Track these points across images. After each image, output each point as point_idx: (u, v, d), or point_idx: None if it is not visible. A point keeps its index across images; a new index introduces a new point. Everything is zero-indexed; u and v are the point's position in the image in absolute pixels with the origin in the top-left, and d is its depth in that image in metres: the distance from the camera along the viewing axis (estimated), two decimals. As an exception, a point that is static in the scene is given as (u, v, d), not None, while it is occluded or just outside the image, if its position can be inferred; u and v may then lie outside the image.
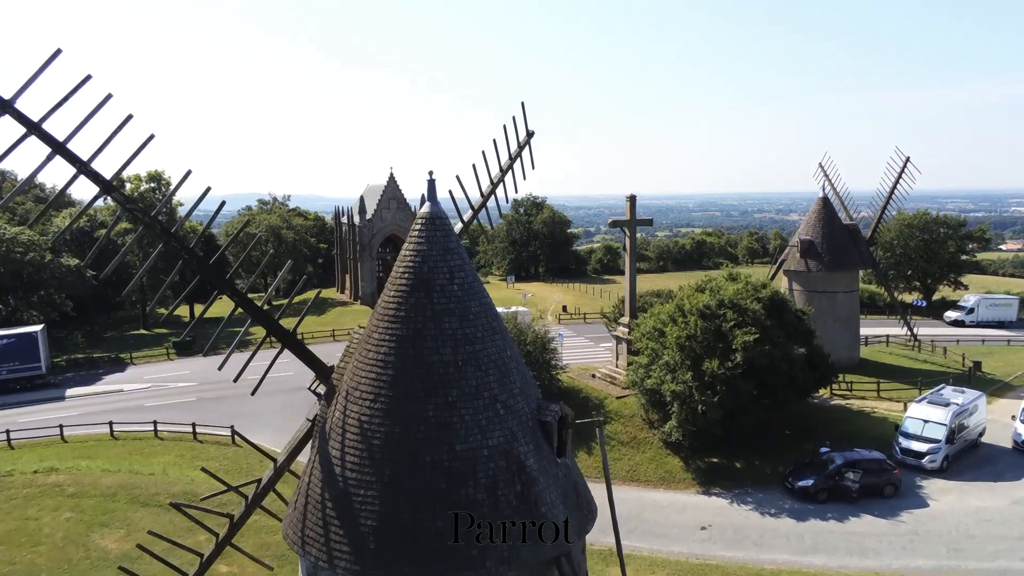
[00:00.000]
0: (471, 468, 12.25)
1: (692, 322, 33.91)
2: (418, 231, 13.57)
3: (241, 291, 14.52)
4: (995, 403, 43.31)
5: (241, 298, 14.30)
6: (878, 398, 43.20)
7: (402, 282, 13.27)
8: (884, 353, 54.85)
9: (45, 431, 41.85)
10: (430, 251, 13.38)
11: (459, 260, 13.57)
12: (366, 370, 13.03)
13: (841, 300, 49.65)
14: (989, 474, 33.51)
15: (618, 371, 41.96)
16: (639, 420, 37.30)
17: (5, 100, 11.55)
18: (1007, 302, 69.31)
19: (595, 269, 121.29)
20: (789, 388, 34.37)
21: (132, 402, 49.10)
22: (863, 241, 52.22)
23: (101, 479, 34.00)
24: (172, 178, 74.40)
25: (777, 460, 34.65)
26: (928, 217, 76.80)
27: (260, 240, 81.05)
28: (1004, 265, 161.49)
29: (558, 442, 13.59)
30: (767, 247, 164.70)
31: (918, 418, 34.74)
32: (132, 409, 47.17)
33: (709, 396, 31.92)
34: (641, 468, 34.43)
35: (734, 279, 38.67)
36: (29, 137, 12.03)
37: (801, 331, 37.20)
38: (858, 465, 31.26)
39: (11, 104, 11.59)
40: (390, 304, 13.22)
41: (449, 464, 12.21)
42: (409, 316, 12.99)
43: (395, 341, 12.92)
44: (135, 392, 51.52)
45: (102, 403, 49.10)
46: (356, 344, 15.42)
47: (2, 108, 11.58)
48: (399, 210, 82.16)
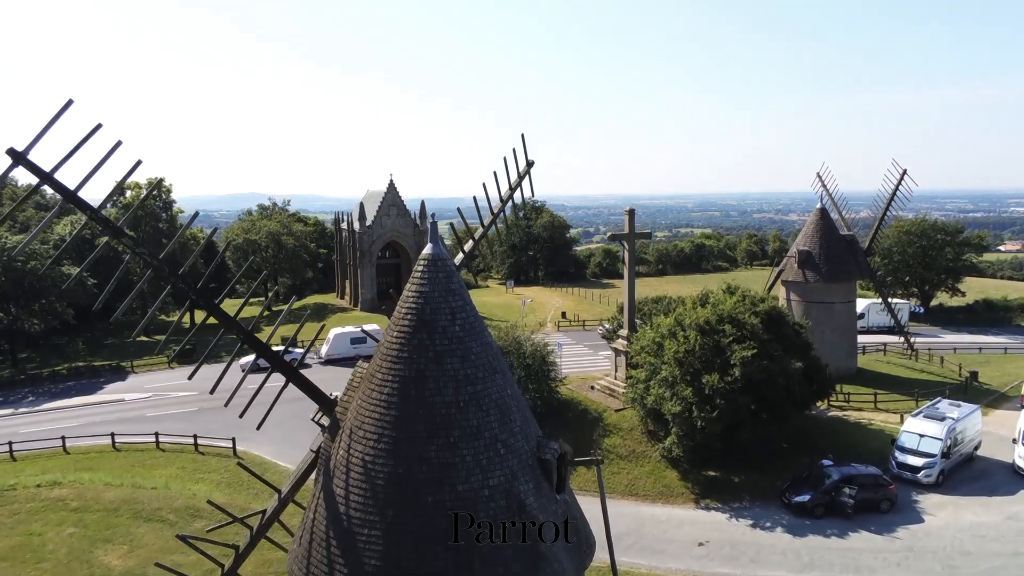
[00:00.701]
0: (472, 508, 12.53)
1: (692, 337, 34.23)
2: (420, 272, 13.85)
3: (238, 322, 14.80)
4: (991, 414, 43.67)
5: (240, 329, 14.60)
6: (875, 409, 43.55)
7: (405, 323, 13.56)
8: (881, 362, 55.17)
9: (47, 443, 42.09)
10: (432, 292, 13.66)
11: (460, 301, 13.84)
12: (369, 410, 13.31)
13: (839, 310, 49.99)
14: (984, 488, 33.82)
15: (617, 383, 42.24)
16: (638, 433, 37.60)
17: (18, 152, 11.82)
18: (897, 308, 63.90)
19: (594, 273, 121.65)
20: (787, 402, 34.70)
21: (133, 412, 49.35)
22: (861, 252, 52.56)
23: (104, 493, 34.24)
24: (173, 185, 74.90)
25: (774, 473, 34.93)
26: (926, 224, 77.14)
27: (260, 247, 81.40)
28: (1003, 267, 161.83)
29: (557, 479, 13.89)
30: (766, 249, 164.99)
31: (914, 432, 35.06)
32: (133, 419, 47.42)
33: (708, 411, 32.24)
34: (640, 482, 34.72)
35: (732, 292, 38.99)
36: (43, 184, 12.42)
37: (799, 344, 37.53)
38: (854, 480, 31.55)
39: (24, 156, 11.86)
40: (393, 345, 13.50)
41: (451, 504, 12.48)
42: (412, 357, 13.27)
43: (398, 382, 13.20)
44: (136, 402, 51.76)
45: (104, 413, 49.35)
46: (359, 379, 15.71)
47: (15, 159, 11.86)
48: (399, 216, 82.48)
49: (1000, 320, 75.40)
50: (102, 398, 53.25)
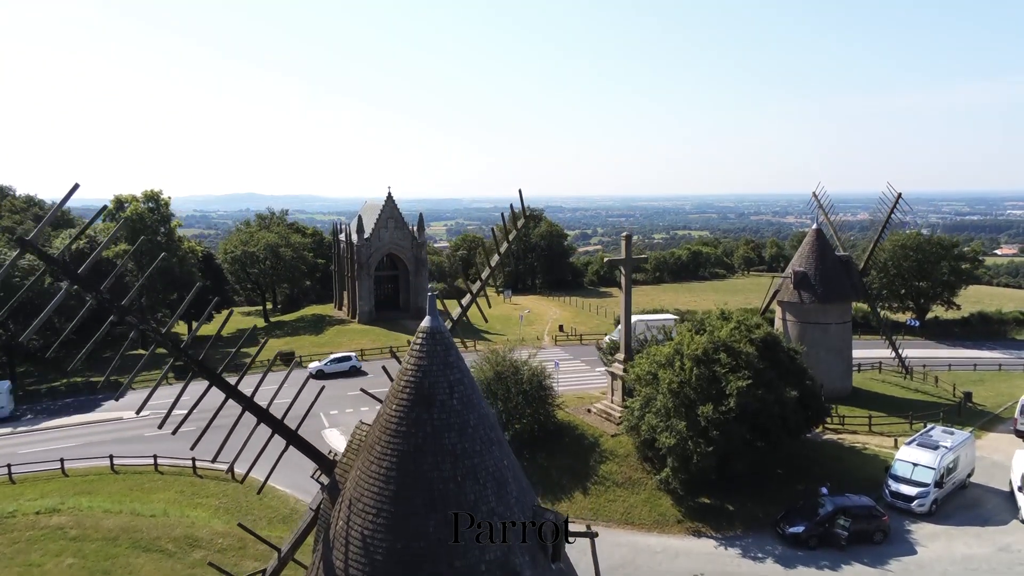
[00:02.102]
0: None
1: (687, 367, 34.49)
2: (419, 345, 14.07)
3: (220, 376, 15.01)
4: (984, 437, 44.01)
5: (233, 392, 14.87)
6: (869, 432, 43.82)
7: (403, 396, 13.78)
8: (876, 381, 55.48)
9: (46, 465, 42.25)
10: (430, 366, 13.88)
11: (459, 374, 14.06)
12: (368, 483, 13.53)
13: (834, 331, 50.29)
14: (977, 518, 34.11)
15: (613, 407, 42.51)
16: (634, 459, 37.86)
17: (26, 240, 12.05)
18: (666, 321, 61.05)
19: (591, 281, 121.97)
20: (781, 430, 35.03)
21: (131, 431, 49.50)
22: (856, 273, 52.89)
23: (103, 521, 34.43)
24: (171, 198, 74.93)
25: (769, 501, 35.21)
26: (921, 238, 77.59)
27: (259, 259, 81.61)
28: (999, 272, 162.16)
29: (553, 549, 14.13)
30: (763, 255, 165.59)
31: (907, 461, 35.35)
32: (131, 440, 47.59)
33: (703, 444, 32.51)
34: (635, 510, 34.96)
35: (727, 318, 39.25)
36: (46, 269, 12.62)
37: (793, 370, 37.81)
38: (848, 512, 31.82)
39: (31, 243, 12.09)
40: (392, 418, 13.72)
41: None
42: (410, 432, 13.49)
43: (396, 456, 13.41)
44: (134, 420, 51.82)
45: (102, 432, 49.52)
46: (359, 442, 15.95)
47: (22, 247, 12.09)
48: (397, 229, 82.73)
49: (995, 333, 75.86)
50: (100, 416, 53.40)
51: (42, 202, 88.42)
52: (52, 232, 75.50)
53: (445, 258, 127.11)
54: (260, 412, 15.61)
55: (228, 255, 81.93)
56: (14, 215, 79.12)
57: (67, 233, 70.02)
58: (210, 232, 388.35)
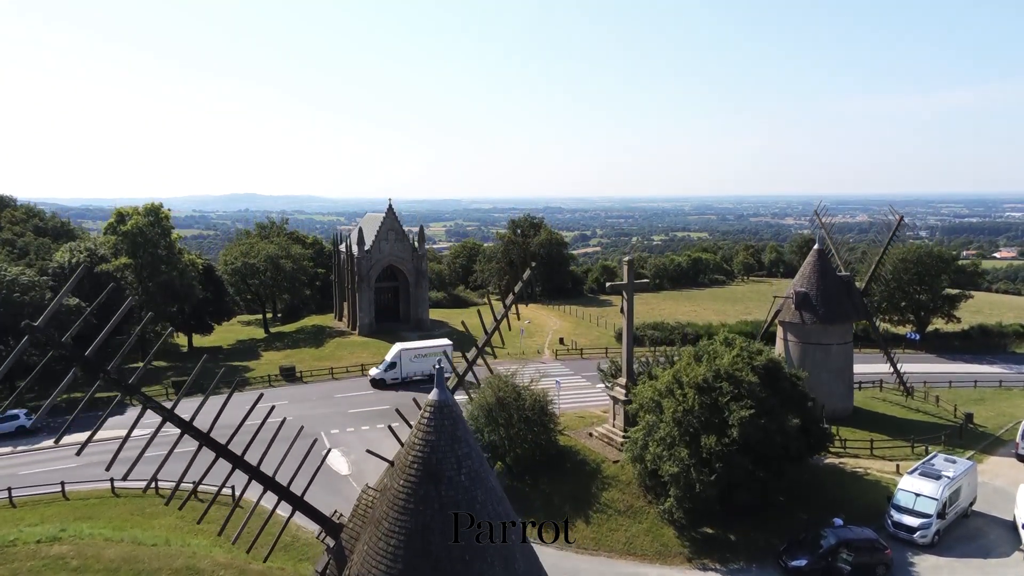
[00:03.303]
0: (477, 666, 12.71)
1: (689, 396, 34.46)
2: (427, 419, 14.03)
3: (220, 443, 14.98)
4: (986, 461, 43.99)
5: (228, 453, 14.87)
6: (871, 456, 43.81)
7: (411, 472, 13.73)
8: (877, 400, 55.47)
9: (46, 488, 42.17)
10: (438, 441, 13.84)
11: (467, 448, 14.03)
12: (376, 561, 13.48)
13: (835, 352, 50.27)
14: (979, 549, 34.05)
15: (615, 431, 42.47)
16: (636, 487, 37.80)
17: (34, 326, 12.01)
18: (434, 351, 63.21)
19: (591, 288, 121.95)
20: (784, 459, 35.01)
21: (131, 451, 49.23)
22: (857, 293, 52.86)
23: (104, 551, 34.31)
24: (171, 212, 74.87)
25: (771, 531, 35.14)
26: (922, 250, 77.69)
27: (259, 270, 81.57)
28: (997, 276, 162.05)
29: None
30: (762, 260, 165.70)
31: (910, 491, 35.29)
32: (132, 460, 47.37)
33: (706, 474, 32.49)
34: (637, 540, 34.90)
35: (730, 344, 39.20)
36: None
37: (795, 397, 37.80)
38: (851, 545, 31.75)
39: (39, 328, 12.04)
40: (400, 494, 13.67)
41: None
42: (418, 509, 13.45)
43: (404, 534, 13.37)
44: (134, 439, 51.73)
45: (102, 452, 49.15)
46: (365, 507, 15.91)
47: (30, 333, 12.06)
48: (397, 241, 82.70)
49: (996, 347, 75.99)
50: (101, 435, 52.91)
51: (42, 212, 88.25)
52: (52, 244, 75.42)
53: (445, 266, 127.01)
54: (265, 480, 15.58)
55: (228, 266, 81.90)
56: (14, 226, 78.98)
57: (67, 247, 69.90)
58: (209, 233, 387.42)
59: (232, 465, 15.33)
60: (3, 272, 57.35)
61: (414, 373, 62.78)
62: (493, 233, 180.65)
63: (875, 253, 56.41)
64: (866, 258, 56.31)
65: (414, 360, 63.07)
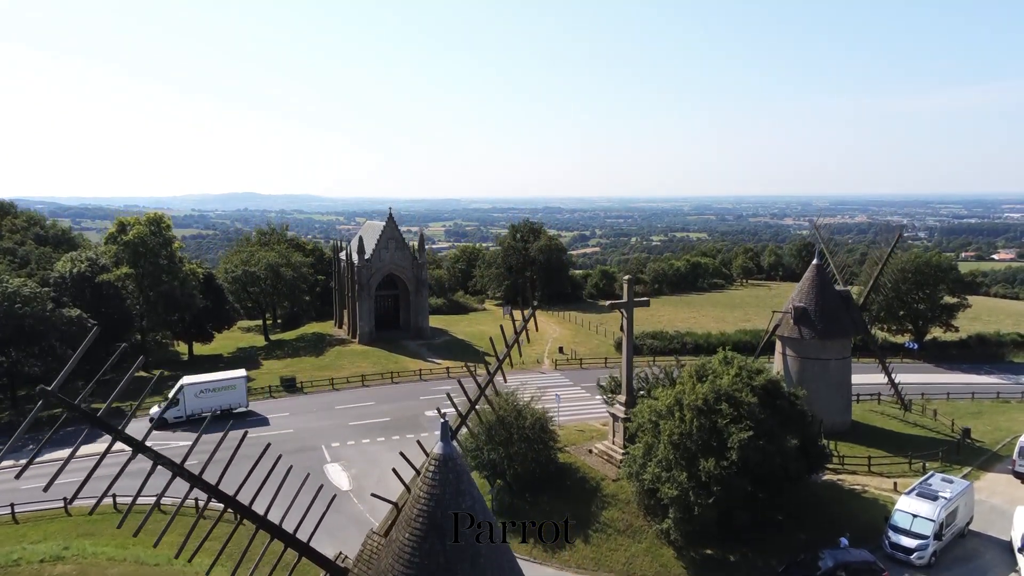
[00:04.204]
0: None
1: (688, 418, 34.69)
2: (432, 472, 14.26)
3: (215, 486, 15.09)
4: (983, 478, 44.28)
5: (225, 496, 15.01)
6: (869, 473, 44.09)
7: (416, 525, 13.98)
8: (875, 414, 55.76)
9: (49, 504, 42.33)
10: (443, 495, 14.07)
11: (471, 500, 14.26)
12: (382, 614, 13.73)
13: (833, 367, 50.56)
14: (975, 571, 34.32)
15: (615, 448, 42.73)
16: (635, 506, 38.05)
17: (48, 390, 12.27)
18: (230, 384, 58.72)
19: (590, 294, 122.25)
20: (783, 479, 35.27)
21: (134, 464, 49.37)
22: (855, 307, 53.16)
23: (107, 571, 34.62)
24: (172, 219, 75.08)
25: (770, 551, 35.40)
26: (920, 260, 78.02)
27: (259, 278, 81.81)
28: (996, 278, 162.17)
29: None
30: (761, 263, 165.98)
31: (907, 512, 35.57)
32: (135, 473, 47.08)
33: (704, 497, 32.74)
34: (637, 560, 35.15)
35: (729, 363, 39.42)
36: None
37: (794, 416, 38.04)
38: (849, 567, 32.00)
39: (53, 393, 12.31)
40: (405, 547, 13.91)
41: None
42: (423, 563, 13.68)
43: (410, 588, 13.63)
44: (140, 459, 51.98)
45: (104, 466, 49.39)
46: (370, 553, 16.15)
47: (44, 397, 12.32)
48: (397, 250, 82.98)
49: (993, 356, 76.35)
50: (103, 448, 53.25)
51: (43, 220, 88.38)
52: (54, 253, 75.61)
53: (445, 271, 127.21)
54: (272, 528, 15.82)
55: (228, 275, 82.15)
56: (14, 235, 79.16)
57: (68, 256, 70.03)
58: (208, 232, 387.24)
59: (240, 516, 15.50)
60: (5, 284, 57.47)
61: (201, 410, 56.66)
62: (492, 233, 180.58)
63: (875, 264, 56.66)
64: (864, 262, 56.55)
65: (200, 396, 57.11)
